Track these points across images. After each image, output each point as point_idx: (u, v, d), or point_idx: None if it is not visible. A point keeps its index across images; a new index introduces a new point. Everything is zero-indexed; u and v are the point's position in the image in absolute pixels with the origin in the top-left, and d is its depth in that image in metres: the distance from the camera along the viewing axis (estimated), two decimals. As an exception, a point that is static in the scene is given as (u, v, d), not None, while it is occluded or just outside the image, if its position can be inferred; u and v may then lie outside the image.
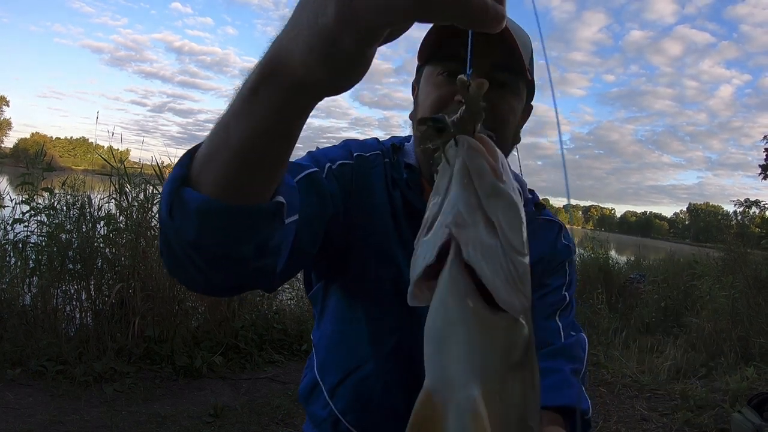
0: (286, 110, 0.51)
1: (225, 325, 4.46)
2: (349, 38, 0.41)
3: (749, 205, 15.23)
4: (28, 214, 4.32)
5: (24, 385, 3.53)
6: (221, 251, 0.59)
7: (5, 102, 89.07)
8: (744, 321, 5.87)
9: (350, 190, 0.92)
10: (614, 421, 4.06)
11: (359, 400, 0.99)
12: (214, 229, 0.56)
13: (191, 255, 0.59)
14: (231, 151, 0.54)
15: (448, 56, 0.85)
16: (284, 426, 3.51)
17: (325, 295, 1.04)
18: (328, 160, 0.91)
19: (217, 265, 0.61)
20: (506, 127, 0.87)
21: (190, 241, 0.58)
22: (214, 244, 0.58)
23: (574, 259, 1.08)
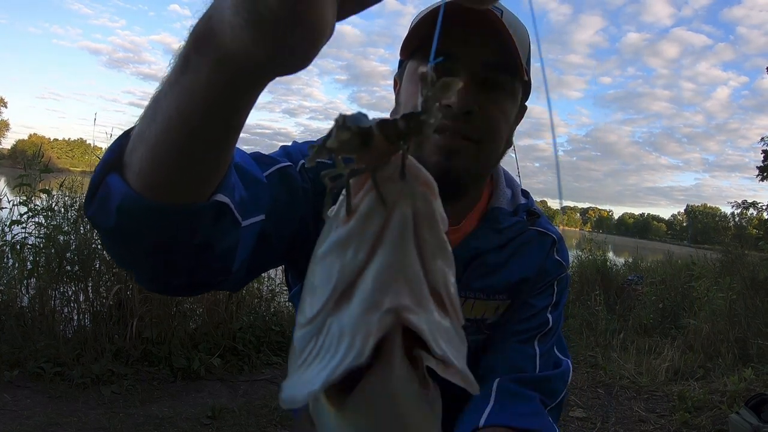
0: (221, 86, 0.41)
1: (223, 327, 4.46)
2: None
3: (747, 206, 15.27)
4: (26, 216, 4.31)
5: (21, 387, 3.52)
6: (152, 247, 0.51)
7: (3, 103, 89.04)
8: (742, 322, 5.88)
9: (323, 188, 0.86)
10: (612, 423, 4.06)
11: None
12: (137, 227, 0.49)
13: (118, 247, 0.54)
14: (158, 131, 0.44)
15: (438, 52, 0.77)
16: (282, 428, 3.51)
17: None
18: (303, 156, 0.83)
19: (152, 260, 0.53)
20: (496, 135, 0.80)
21: (109, 228, 0.50)
22: (140, 240, 0.51)
23: (567, 275, 1.00)
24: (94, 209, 0.50)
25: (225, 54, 0.39)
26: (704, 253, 10.45)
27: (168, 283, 0.59)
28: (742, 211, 15.77)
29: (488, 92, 0.76)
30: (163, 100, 0.44)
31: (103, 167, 0.49)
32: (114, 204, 0.47)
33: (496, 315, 0.93)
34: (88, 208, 0.51)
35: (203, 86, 0.41)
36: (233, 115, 0.44)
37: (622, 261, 11.49)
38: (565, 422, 4.02)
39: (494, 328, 0.94)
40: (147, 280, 0.60)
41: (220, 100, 0.42)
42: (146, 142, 0.45)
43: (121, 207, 0.47)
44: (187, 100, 0.42)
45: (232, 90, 0.41)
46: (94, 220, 0.51)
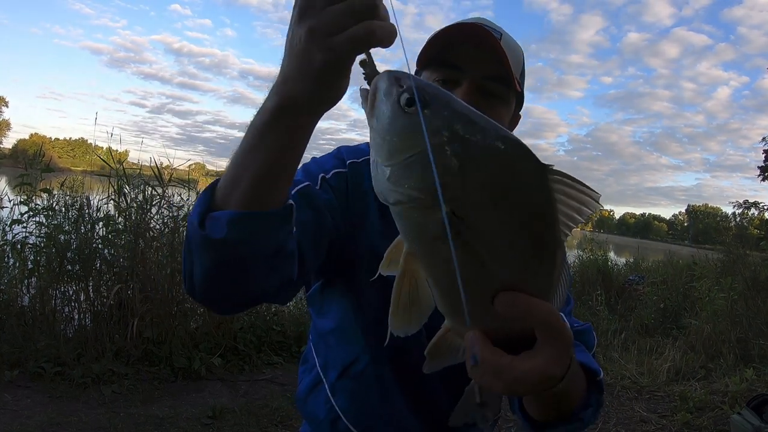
0: (297, 130, 0.64)
1: (224, 327, 4.46)
2: (319, 56, 0.55)
3: (748, 206, 15.24)
4: (27, 215, 4.31)
5: (22, 387, 3.52)
6: (248, 252, 0.68)
7: (4, 103, 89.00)
8: (743, 322, 5.87)
9: (346, 196, 0.97)
10: (614, 423, 4.06)
11: (358, 395, 1.02)
12: (240, 232, 0.65)
13: (215, 252, 0.68)
14: (253, 175, 0.65)
15: (444, 63, 0.93)
16: (282, 428, 3.51)
17: (323, 294, 1.07)
18: (322, 171, 0.96)
19: (229, 259, 0.68)
20: None
21: (219, 240, 0.66)
22: (240, 245, 0.67)
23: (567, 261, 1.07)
24: (209, 228, 0.66)
25: (294, 104, 0.60)
26: (705, 254, 10.45)
27: (242, 292, 0.75)
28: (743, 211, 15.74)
29: (486, 98, 0.92)
30: (250, 157, 0.65)
31: (201, 211, 0.67)
32: (225, 217, 0.65)
33: None
34: (201, 231, 0.66)
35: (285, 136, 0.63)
36: (302, 147, 0.67)
37: (623, 261, 11.49)
38: (566, 422, 4.02)
39: None
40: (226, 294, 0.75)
41: (294, 142, 0.65)
42: (241, 186, 0.66)
43: (229, 219, 0.64)
44: (272, 149, 0.64)
45: (301, 129, 0.64)
46: (206, 234, 0.66)
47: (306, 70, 0.57)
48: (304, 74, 0.57)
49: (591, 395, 0.82)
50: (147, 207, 4.57)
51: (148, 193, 4.65)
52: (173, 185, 4.99)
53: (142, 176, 4.93)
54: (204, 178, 6.16)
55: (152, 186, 4.70)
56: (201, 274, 0.71)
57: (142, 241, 4.40)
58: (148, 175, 4.96)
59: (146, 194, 4.63)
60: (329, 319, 1.06)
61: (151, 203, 4.61)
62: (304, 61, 0.57)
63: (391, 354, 0.96)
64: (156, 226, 4.63)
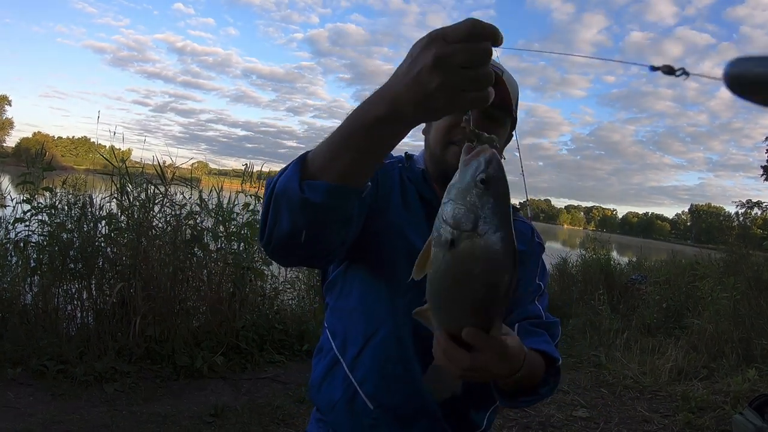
0: (395, 136, 0.78)
1: (226, 325, 4.46)
2: (441, 102, 0.68)
3: (751, 206, 15.23)
4: (29, 214, 4.32)
5: (24, 385, 3.53)
6: (329, 219, 0.86)
7: (7, 101, 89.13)
8: (745, 322, 5.86)
9: (378, 186, 1.17)
10: (615, 423, 4.05)
11: (377, 362, 1.14)
12: (334, 199, 0.82)
13: (310, 216, 0.84)
14: (353, 158, 0.80)
15: None
16: (285, 426, 3.51)
17: (346, 276, 1.21)
18: None
19: (317, 225, 0.86)
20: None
21: (316, 206, 0.82)
22: (330, 209, 0.84)
23: (543, 256, 1.36)
24: (309, 193, 0.81)
25: (406, 119, 0.74)
26: (708, 253, 10.42)
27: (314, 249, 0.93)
28: (746, 210, 15.74)
29: (488, 122, 1.12)
30: (353, 142, 0.78)
31: (296, 174, 0.83)
32: (323, 188, 0.81)
33: None
34: (302, 194, 0.81)
35: (391, 135, 0.78)
36: (397, 142, 0.81)
37: (626, 260, 11.48)
38: (569, 422, 4.01)
39: None
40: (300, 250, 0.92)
41: (395, 139, 0.79)
42: (341, 162, 0.81)
43: (329, 189, 0.81)
44: (377, 141, 0.79)
45: (402, 132, 0.78)
46: (307, 201, 0.82)
47: (422, 103, 0.68)
48: (417, 100, 0.68)
49: (549, 376, 1.09)
50: (150, 205, 4.57)
51: (150, 191, 4.65)
52: (176, 184, 4.99)
53: (145, 175, 4.93)
54: (206, 177, 6.17)
55: (155, 184, 4.70)
56: (288, 228, 0.87)
57: (144, 239, 4.41)
58: (151, 174, 4.96)
59: (149, 193, 4.64)
60: (353, 298, 1.19)
61: (153, 202, 4.62)
62: (424, 96, 0.67)
63: (409, 318, 1.07)
64: (159, 225, 4.63)
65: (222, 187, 5.25)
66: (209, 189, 5.23)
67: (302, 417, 3.60)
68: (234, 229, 4.97)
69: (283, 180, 0.85)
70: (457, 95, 0.66)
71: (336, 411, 1.17)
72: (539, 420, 3.99)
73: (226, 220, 4.93)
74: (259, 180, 5.53)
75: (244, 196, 5.31)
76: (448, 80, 0.65)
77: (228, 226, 4.95)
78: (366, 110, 0.75)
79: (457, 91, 0.66)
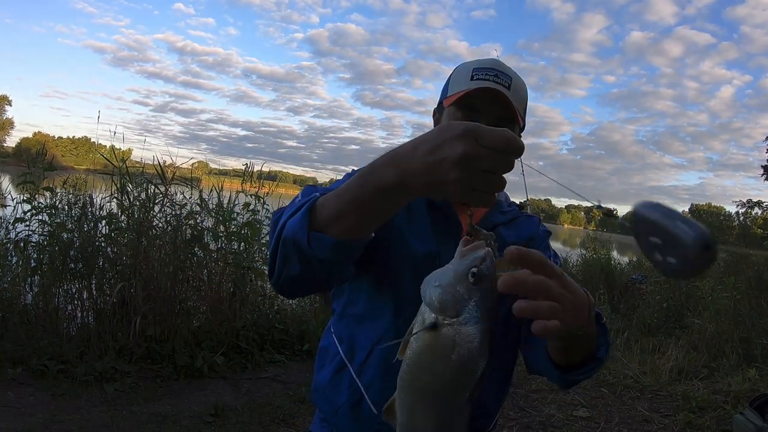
0: (401, 204, 0.83)
1: (226, 325, 4.46)
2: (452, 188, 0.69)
3: (752, 205, 15.22)
4: (30, 213, 4.32)
5: (25, 384, 3.53)
6: (335, 267, 0.92)
7: (8, 101, 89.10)
8: (746, 322, 5.85)
9: None
10: (616, 422, 4.05)
11: (383, 369, 1.14)
12: (339, 254, 0.87)
13: (317, 267, 0.88)
14: (358, 218, 0.83)
15: (469, 107, 1.14)
16: (285, 426, 3.51)
17: (353, 285, 1.22)
18: None
19: (324, 272, 0.91)
20: None
21: (321, 260, 0.87)
22: (335, 262, 0.89)
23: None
24: (317, 249, 0.85)
25: (414, 195, 0.75)
26: (709, 253, 10.37)
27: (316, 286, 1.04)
28: (746, 210, 15.73)
29: None
30: (360, 207, 0.81)
31: (303, 226, 0.86)
32: (329, 243, 0.84)
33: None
34: (311, 250, 0.85)
35: (396, 204, 0.82)
36: (399, 208, 0.85)
37: (627, 260, 11.47)
38: (569, 421, 4.01)
39: None
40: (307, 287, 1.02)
41: (400, 205, 0.83)
42: (348, 221, 0.83)
43: (335, 244, 0.84)
44: (382, 208, 0.82)
45: (405, 200, 0.82)
46: (314, 256, 0.86)
47: (435, 183, 0.70)
48: (430, 182, 0.70)
49: (600, 336, 1.02)
50: (150, 205, 4.57)
51: (151, 191, 4.65)
52: (176, 184, 4.99)
53: (145, 175, 4.92)
54: (207, 177, 6.17)
55: (155, 184, 4.70)
56: (298, 273, 0.91)
57: (144, 239, 4.41)
58: (151, 174, 4.96)
59: (149, 193, 4.64)
60: (359, 305, 1.21)
61: (154, 201, 4.62)
62: (438, 181, 0.69)
63: None
64: (159, 225, 4.63)
65: (222, 186, 5.24)
66: (209, 189, 5.23)
67: (302, 416, 3.60)
68: (234, 228, 4.97)
69: (292, 228, 0.88)
70: (469, 192, 0.68)
71: (340, 415, 1.18)
72: (540, 420, 3.99)
73: (227, 220, 4.93)
74: (260, 180, 5.53)
75: (245, 195, 5.31)
76: (466, 178, 0.67)
77: (228, 225, 4.95)
78: (376, 176, 0.77)
79: (470, 188, 0.68)
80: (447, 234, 1.16)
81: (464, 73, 1.19)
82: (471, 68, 1.19)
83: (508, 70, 1.19)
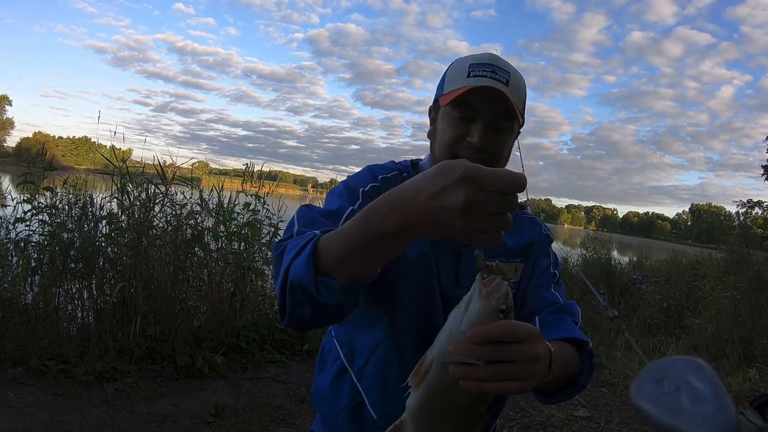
0: (408, 244, 0.79)
1: (226, 325, 4.46)
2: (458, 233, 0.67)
3: (752, 205, 15.20)
4: (30, 213, 4.32)
5: (25, 384, 3.53)
6: (346, 305, 0.91)
7: (8, 101, 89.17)
8: (746, 322, 5.85)
9: None
10: (616, 422, 4.05)
11: (380, 375, 1.16)
12: (348, 295, 0.87)
13: (328, 309, 0.88)
14: (364, 262, 0.83)
15: (467, 106, 1.11)
16: (285, 426, 3.51)
17: None
18: (361, 185, 1.17)
19: (335, 311, 0.91)
20: (501, 158, 1.17)
21: (332, 305, 0.87)
22: (346, 302, 0.89)
23: (551, 246, 1.37)
24: (324, 294, 0.85)
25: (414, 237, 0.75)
26: (709, 253, 10.40)
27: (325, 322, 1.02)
28: (747, 210, 15.72)
29: (495, 133, 1.13)
30: (363, 251, 0.80)
31: (310, 272, 0.85)
32: (336, 287, 0.84)
33: (516, 275, 1.24)
34: (319, 295, 0.85)
35: (397, 247, 0.80)
36: (402, 250, 0.82)
37: (627, 260, 11.46)
38: (569, 421, 4.01)
39: (518, 287, 1.24)
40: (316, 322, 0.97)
41: (402, 248, 0.81)
42: (352, 265, 0.83)
43: (342, 287, 0.84)
44: (384, 251, 0.80)
45: (411, 241, 0.78)
46: (323, 301, 0.86)
47: (437, 230, 0.69)
48: (436, 228, 0.68)
49: (584, 362, 1.07)
50: (150, 205, 4.57)
51: (151, 191, 4.65)
52: (176, 183, 4.99)
53: (146, 174, 4.92)
54: (207, 177, 6.17)
55: (155, 184, 4.70)
56: (310, 315, 0.91)
57: (145, 239, 4.41)
58: (152, 174, 4.95)
59: (149, 192, 4.63)
60: (359, 310, 1.19)
61: (154, 201, 4.62)
62: (443, 226, 0.67)
63: (410, 332, 1.16)
64: (159, 225, 4.63)
65: (222, 186, 5.24)
66: (210, 189, 5.23)
67: (303, 417, 3.60)
68: (234, 228, 4.97)
69: (298, 273, 0.88)
70: (474, 234, 0.67)
71: (340, 419, 1.18)
72: (540, 420, 3.99)
73: (227, 220, 4.93)
74: (260, 180, 5.52)
75: (245, 195, 5.30)
76: (472, 223, 0.65)
77: (228, 225, 4.95)
78: (379, 222, 0.75)
79: (476, 231, 0.66)
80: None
81: (460, 70, 1.16)
82: (467, 64, 1.15)
83: (506, 65, 1.16)
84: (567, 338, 1.06)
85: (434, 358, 0.74)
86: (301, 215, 1.09)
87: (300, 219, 1.08)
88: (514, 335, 0.69)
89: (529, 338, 0.71)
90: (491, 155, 1.13)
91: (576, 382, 1.05)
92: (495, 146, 1.13)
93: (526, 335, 0.71)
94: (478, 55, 1.18)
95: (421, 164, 1.27)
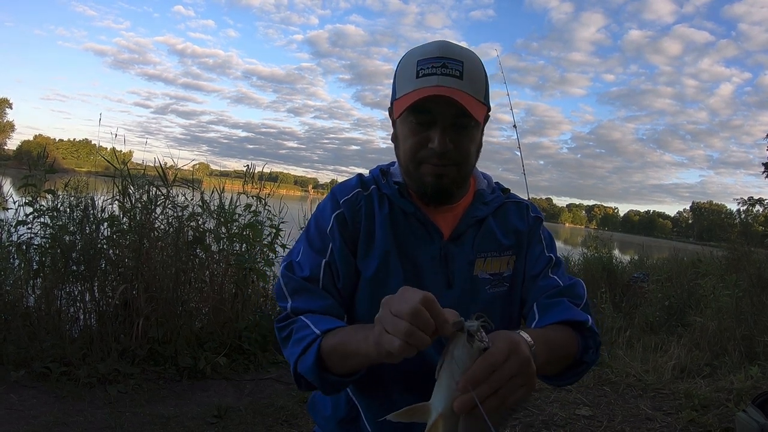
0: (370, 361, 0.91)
1: (229, 326, 4.47)
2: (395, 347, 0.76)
3: (753, 203, 15.20)
4: (31, 216, 4.33)
5: (28, 387, 3.54)
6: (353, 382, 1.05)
7: (8, 104, 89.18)
8: (748, 320, 5.84)
9: (351, 233, 1.17)
10: (618, 421, 4.05)
11: (376, 390, 1.17)
12: (351, 379, 1.02)
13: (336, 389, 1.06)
14: (358, 364, 0.95)
15: (420, 110, 1.07)
16: (288, 426, 3.51)
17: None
18: (326, 222, 1.17)
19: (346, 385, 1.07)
20: (468, 157, 1.15)
21: (341, 387, 1.06)
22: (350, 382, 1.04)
23: (543, 226, 1.32)
24: (328, 387, 1.04)
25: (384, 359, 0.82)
26: (710, 251, 10.39)
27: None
28: (747, 208, 15.71)
29: (459, 132, 1.09)
30: (355, 362, 0.95)
31: (317, 369, 1.01)
32: (333, 380, 1.01)
33: (509, 269, 1.23)
34: (322, 384, 1.03)
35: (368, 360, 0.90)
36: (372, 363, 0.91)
37: (628, 258, 11.46)
38: (572, 420, 4.01)
39: (512, 280, 1.23)
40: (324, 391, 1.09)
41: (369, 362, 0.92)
42: (347, 366, 0.97)
43: (338, 382, 1.02)
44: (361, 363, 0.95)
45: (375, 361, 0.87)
46: (325, 387, 1.04)
47: (387, 356, 0.79)
48: (386, 357, 0.81)
49: (587, 340, 1.08)
50: (151, 207, 4.58)
51: (152, 193, 4.65)
52: (177, 185, 4.99)
53: (147, 177, 4.92)
54: (208, 178, 6.17)
55: (156, 186, 4.70)
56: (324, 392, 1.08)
57: (146, 241, 4.41)
58: (153, 176, 4.96)
59: (151, 194, 4.64)
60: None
61: (155, 203, 4.62)
62: (384, 350, 0.79)
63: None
64: (161, 226, 4.64)
65: (223, 188, 5.25)
66: (211, 190, 5.23)
67: (306, 417, 3.60)
68: (236, 230, 4.98)
69: (305, 371, 1.03)
70: (409, 347, 0.75)
71: (337, 431, 1.21)
72: (542, 418, 3.99)
73: (228, 221, 4.94)
74: (261, 181, 5.53)
75: (246, 197, 5.31)
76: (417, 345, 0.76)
77: (230, 227, 4.96)
78: (365, 348, 0.88)
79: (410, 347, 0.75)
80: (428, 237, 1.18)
81: (410, 67, 1.10)
82: (416, 60, 1.08)
83: (458, 52, 1.08)
84: (561, 321, 1.07)
85: (441, 414, 0.75)
86: (288, 281, 1.14)
87: (287, 285, 1.14)
88: (497, 362, 0.71)
89: (510, 353, 0.73)
90: (455, 158, 1.11)
91: (582, 361, 1.07)
92: (459, 146, 1.10)
93: (507, 351, 0.73)
94: (426, 46, 1.11)
95: (392, 170, 1.26)
